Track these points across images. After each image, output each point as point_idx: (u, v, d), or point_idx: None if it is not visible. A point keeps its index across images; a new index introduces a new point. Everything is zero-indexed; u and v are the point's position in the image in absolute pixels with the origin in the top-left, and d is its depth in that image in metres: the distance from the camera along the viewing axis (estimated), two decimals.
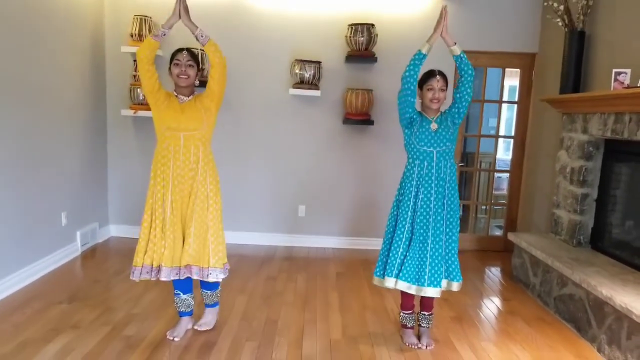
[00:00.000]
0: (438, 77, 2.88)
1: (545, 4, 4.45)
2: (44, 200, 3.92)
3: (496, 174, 5.83)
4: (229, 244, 3.17)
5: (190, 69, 2.85)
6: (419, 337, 3.07)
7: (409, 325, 3.08)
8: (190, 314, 3.08)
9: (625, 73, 3.42)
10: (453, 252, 2.95)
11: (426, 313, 3.07)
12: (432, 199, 2.88)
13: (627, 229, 3.66)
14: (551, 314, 3.60)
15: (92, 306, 3.35)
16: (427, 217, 2.88)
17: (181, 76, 2.82)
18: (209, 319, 3.14)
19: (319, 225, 5.07)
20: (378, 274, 3.00)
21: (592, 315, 3.13)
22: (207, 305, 3.13)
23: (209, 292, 3.06)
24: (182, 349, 2.85)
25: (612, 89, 3.46)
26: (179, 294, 2.99)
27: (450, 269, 2.94)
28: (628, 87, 3.34)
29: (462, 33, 4.76)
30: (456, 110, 2.89)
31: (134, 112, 4.67)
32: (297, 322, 3.29)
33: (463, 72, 2.86)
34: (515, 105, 5.10)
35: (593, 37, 3.93)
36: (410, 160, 2.96)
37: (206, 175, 2.90)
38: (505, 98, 5.69)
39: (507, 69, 5.06)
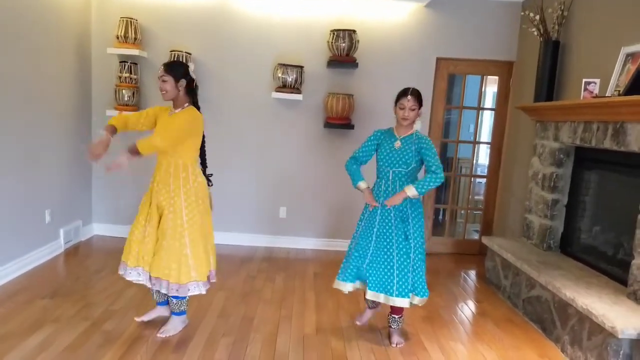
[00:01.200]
0: (409, 96, 2.98)
1: (523, 13, 4.59)
2: (28, 197, 3.98)
3: (477, 180, 5.96)
4: None
5: (166, 84, 2.87)
6: (389, 337, 3.17)
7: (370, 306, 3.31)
8: (165, 303, 3.17)
9: (595, 83, 3.55)
10: (419, 269, 3.05)
11: (396, 316, 3.16)
12: (392, 216, 3.02)
13: (595, 234, 3.79)
14: (520, 315, 3.72)
15: (73, 302, 3.42)
16: (389, 231, 3.02)
17: (161, 92, 2.91)
18: (173, 325, 3.08)
19: (299, 227, 5.17)
20: (339, 277, 3.12)
21: (557, 317, 3.25)
22: (173, 313, 3.09)
23: (174, 300, 3.02)
24: (159, 343, 2.93)
25: (581, 98, 3.59)
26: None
27: (416, 284, 3.04)
28: (596, 96, 3.47)
29: (442, 40, 4.92)
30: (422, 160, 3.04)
31: (119, 113, 4.73)
32: (272, 319, 3.39)
33: None
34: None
35: (567, 47, 4.07)
36: (377, 176, 3.14)
37: (180, 192, 2.91)
38: (488, 104, 5.83)
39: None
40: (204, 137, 3.09)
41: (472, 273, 4.75)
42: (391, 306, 3.14)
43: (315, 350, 2.98)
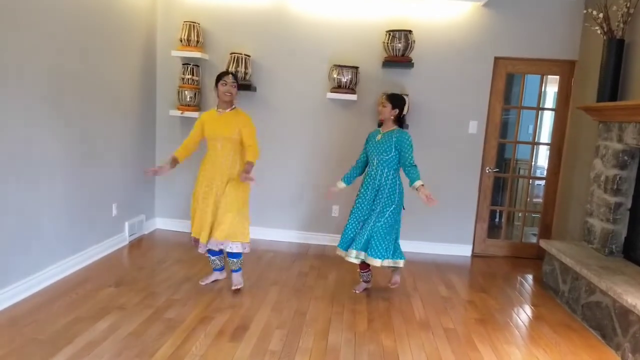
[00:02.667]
0: (383, 97, 3.83)
1: (585, 11, 4.44)
2: (97, 191, 4.26)
3: (536, 182, 5.79)
4: (263, 240, 3.46)
5: (234, 89, 3.62)
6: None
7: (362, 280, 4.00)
8: (221, 269, 3.93)
9: None
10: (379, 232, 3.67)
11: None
12: (368, 194, 3.76)
13: None
14: (578, 321, 3.61)
15: (137, 290, 3.63)
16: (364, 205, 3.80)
17: (226, 94, 3.59)
18: (237, 280, 3.79)
19: None
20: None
21: (618, 323, 3.14)
22: (233, 271, 3.77)
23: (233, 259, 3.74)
24: (217, 331, 3.07)
25: None
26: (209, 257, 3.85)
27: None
28: None
29: (500, 39, 4.84)
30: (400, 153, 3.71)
31: (181, 113, 4.97)
32: (324, 314, 3.46)
33: None
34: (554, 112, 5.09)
35: (632, 46, 3.91)
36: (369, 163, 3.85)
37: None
38: (549, 104, 5.66)
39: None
40: None
41: (529, 277, 4.63)
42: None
43: (367, 347, 3.02)
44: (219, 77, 3.61)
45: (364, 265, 3.86)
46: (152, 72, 5.09)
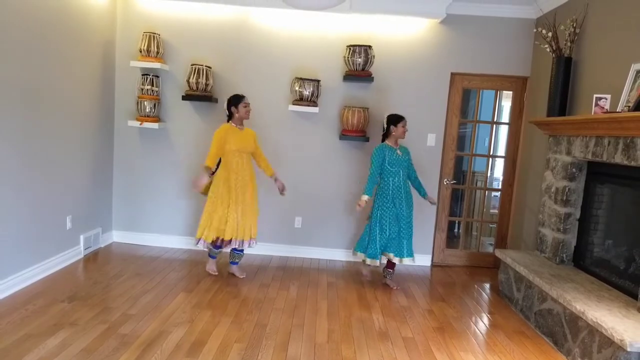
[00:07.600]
0: (404, 121, 4.30)
1: (536, 30, 4.64)
2: (51, 204, 4.13)
3: (493, 193, 5.96)
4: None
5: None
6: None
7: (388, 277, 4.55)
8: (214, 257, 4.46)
9: (606, 98, 3.58)
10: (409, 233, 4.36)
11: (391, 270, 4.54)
12: (402, 203, 4.28)
13: (607, 247, 3.79)
14: (531, 328, 3.72)
15: (91, 305, 3.53)
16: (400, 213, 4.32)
17: (248, 113, 4.25)
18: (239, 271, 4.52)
19: (314, 237, 5.23)
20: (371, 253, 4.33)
21: (568, 330, 3.25)
22: (234, 263, 4.48)
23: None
24: (173, 347, 3.01)
25: (592, 113, 3.62)
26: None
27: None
28: (607, 112, 3.50)
29: (456, 55, 4.99)
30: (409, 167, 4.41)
31: (140, 124, 4.89)
32: (285, 326, 3.44)
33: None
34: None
35: (579, 63, 4.10)
36: (386, 176, 4.31)
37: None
38: (505, 118, 5.85)
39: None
40: None
41: (486, 285, 4.75)
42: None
43: (326, 358, 3.02)
44: (240, 99, 4.14)
45: (392, 264, 4.47)
46: (110, 82, 5.00)
